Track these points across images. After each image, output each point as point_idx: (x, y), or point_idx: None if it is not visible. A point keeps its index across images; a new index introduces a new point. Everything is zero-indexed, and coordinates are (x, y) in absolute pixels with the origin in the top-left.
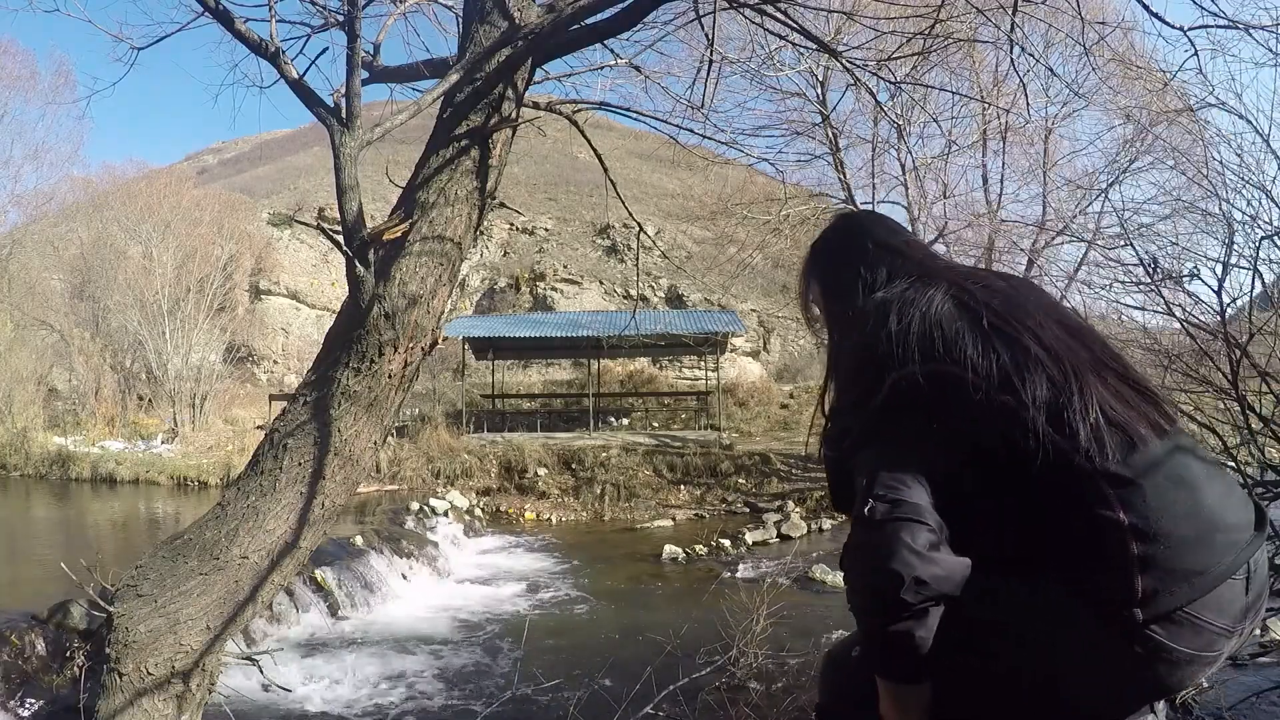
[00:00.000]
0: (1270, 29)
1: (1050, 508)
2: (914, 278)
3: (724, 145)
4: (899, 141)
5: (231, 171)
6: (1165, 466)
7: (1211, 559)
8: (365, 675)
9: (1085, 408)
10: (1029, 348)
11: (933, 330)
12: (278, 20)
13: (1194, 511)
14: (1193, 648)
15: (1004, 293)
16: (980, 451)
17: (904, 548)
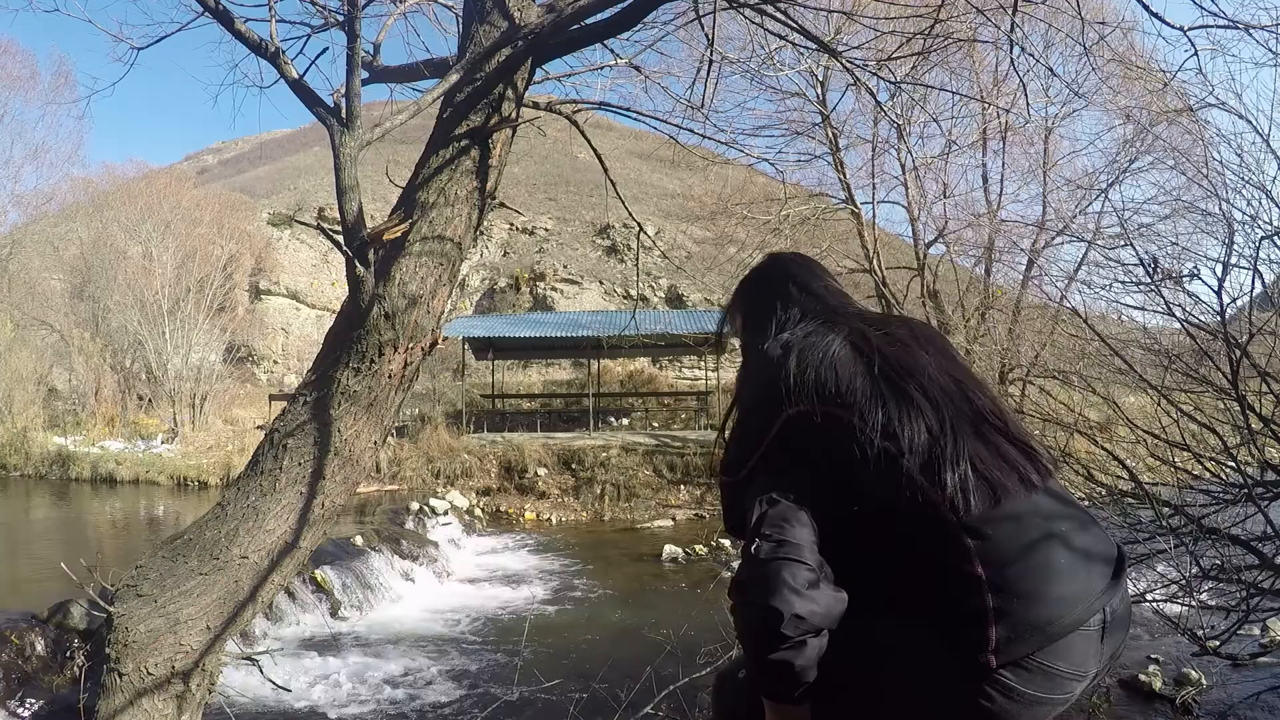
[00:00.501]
0: (1270, 29)
1: (916, 554)
2: (820, 321)
3: (724, 145)
4: (899, 141)
5: (231, 171)
6: (1025, 521)
7: (1062, 611)
8: (365, 675)
9: (956, 458)
10: (913, 397)
11: (828, 374)
12: (278, 20)
13: (1047, 566)
14: (1042, 691)
15: (901, 341)
16: (861, 493)
17: (784, 586)
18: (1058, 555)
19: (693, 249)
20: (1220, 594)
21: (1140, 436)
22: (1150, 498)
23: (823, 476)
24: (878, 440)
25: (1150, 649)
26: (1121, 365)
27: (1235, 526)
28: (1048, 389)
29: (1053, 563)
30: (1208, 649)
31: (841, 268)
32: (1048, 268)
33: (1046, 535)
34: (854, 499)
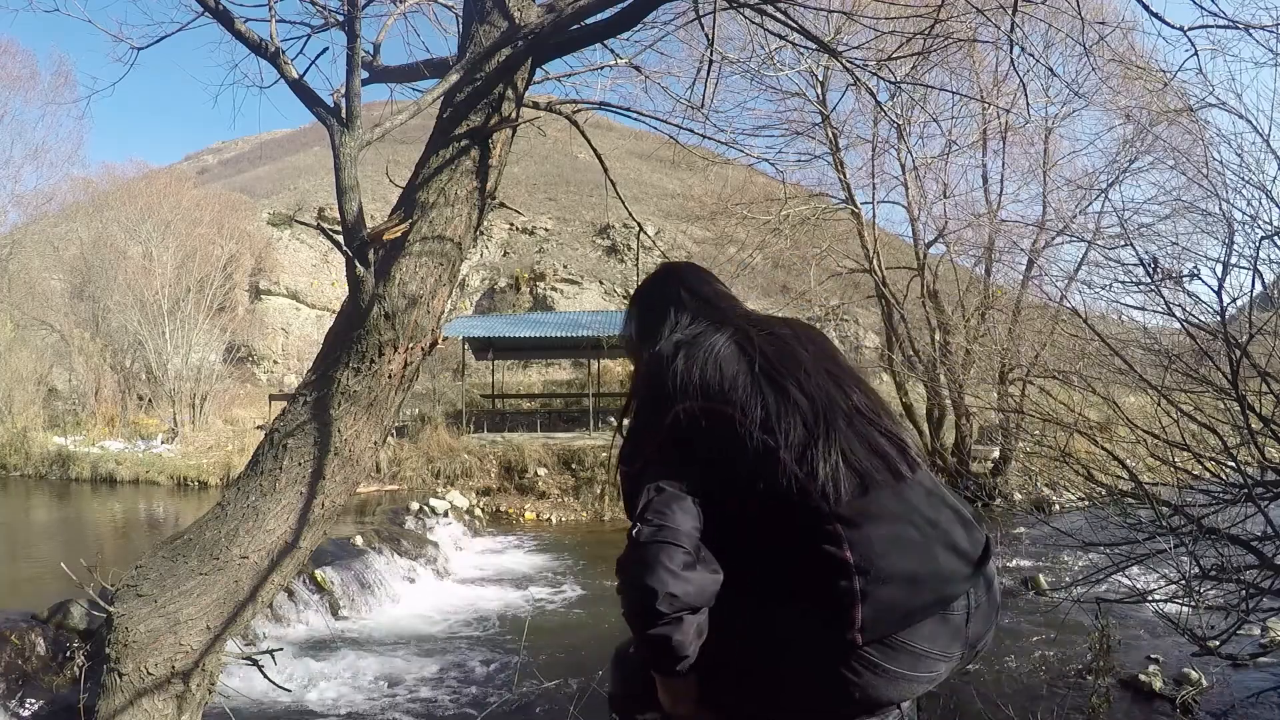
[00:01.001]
0: (1270, 29)
1: (792, 539)
2: (708, 323)
3: (724, 145)
4: (899, 141)
5: (231, 171)
6: (893, 510)
7: (926, 595)
8: (365, 675)
9: (828, 450)
10: (790, 392)
11: (713, 372)
12: (278, 20)
13: (913, 552)
14: (905, 668)
15: (782, 340)
16: (745, 485)
17: (661, 567)
18: (922, 542)
19: (693, 249)
20: (1220, 594)
21: (1140, 436)
22: (1150, 498)
23: (711, 468)
24: (757, 434)
25: (1150, 649)
26: (1121, 365)
27: (1235, 526)
28: (1048, 389)
29: (917, 550)
30: (1208, 649)
31: (841, 268)
32: (1048, 268)
33: (912, 524)
34: (739, 490)
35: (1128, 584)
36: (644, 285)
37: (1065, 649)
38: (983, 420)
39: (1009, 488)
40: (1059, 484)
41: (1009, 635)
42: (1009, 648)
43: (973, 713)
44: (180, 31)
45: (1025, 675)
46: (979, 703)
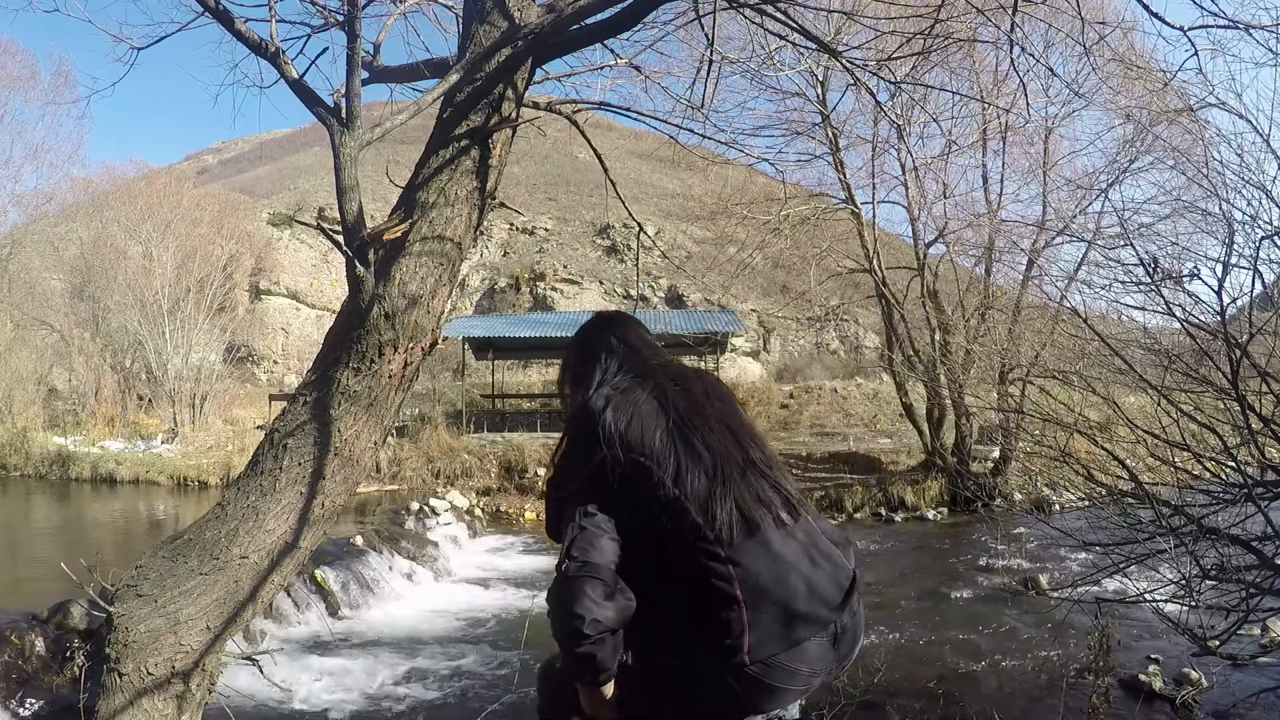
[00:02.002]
0: (1270, 29)
1: (694, 574)
2: (632, 375)
3: (724, 145)
4: (899, 141)
5: (231, 171)
6: (775, 553)
7: (801, 625)
8: (365, 675)
9: (724, 499)
10: (697, 448)
11: (635, 428)
12: (278, 20)
13: (789, 589)
14: (782, 683)
15: (694, 397)
16: (657, 525)
17: (586, 597)
18: (797, 581)
19: (693, 249)
20: (1220, 594)
21: (1140, 436)
22: (1150, 498)
23: (632, 510)
24: (669, 484)
25: (1150, 649)
26: (1121, 365)
27: (1235, 526)
28: (1048, 389)
29: (793, 586)
30: (1208, 649)
31: (841, 268)
32: (1048, 268)
33: (790, 565)
34: (655, 531)
35: (1128, 584)
36: (583, 329)
37: (1065, 649)
38: (983, 420)
39: (1009, 488)
40: (1059, 484)
41: (1009, 635)
42: (1009, 648)
43: (973, 713)
44: (180, 31)
45: (1025, 675)
46: (979, 703)
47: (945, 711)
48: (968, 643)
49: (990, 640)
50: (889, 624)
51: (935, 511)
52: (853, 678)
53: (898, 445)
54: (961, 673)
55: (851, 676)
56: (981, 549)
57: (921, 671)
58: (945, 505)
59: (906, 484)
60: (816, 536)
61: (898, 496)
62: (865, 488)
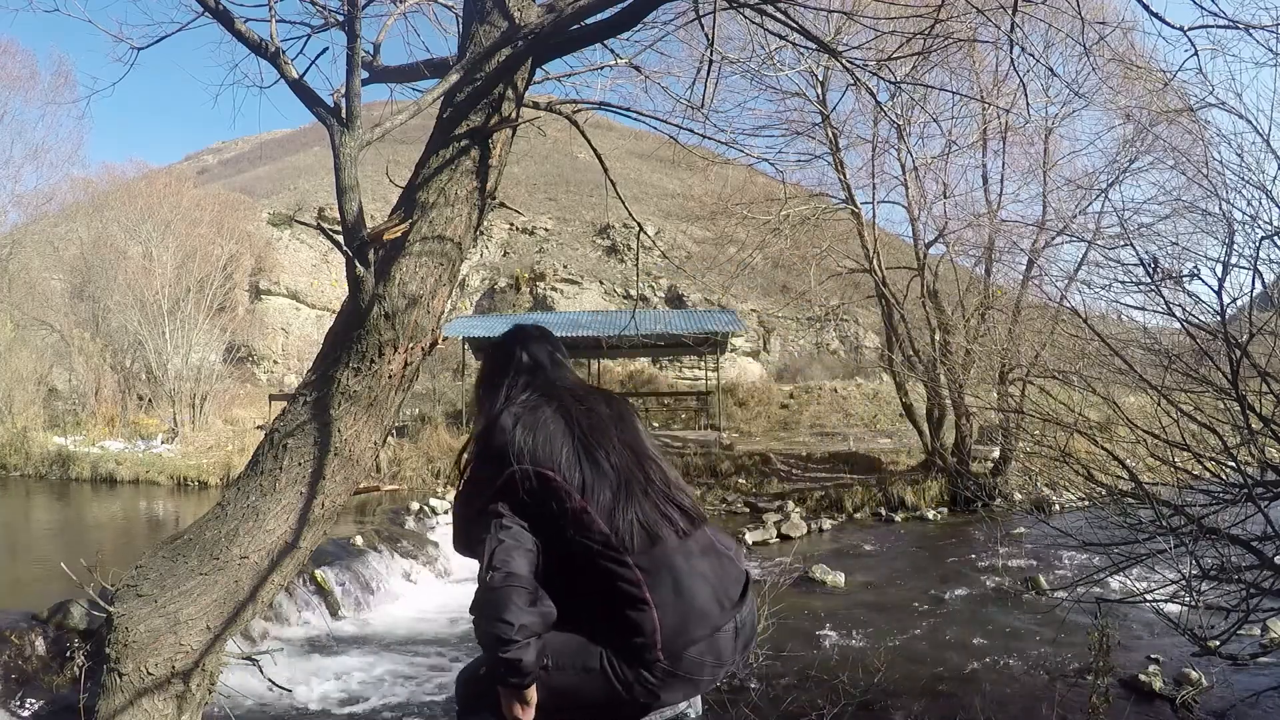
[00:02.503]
0: (1270, 29)
1: (600, 581)
2: (540, 394)
3: (724, 145)
4: (899, 141)
5: (231, 171)
6: (675, 559)
7: (702, 623)
8: (365, 675)
9: (626, 512)
10: (601, 464)
11: (543, 445)
12: (278, 20)
13: (692, 592)
14: (691, 673)
15: (598, 416)
16: (564, 536)
17: (512, 605)
18: (699, 584)
19: (693, 249)
20: (1220, 594)
21: (1140, 436)
22: (1150, 498)
23: (539, 520)
24: (576, 497)
25: (1150, 649)
26: (1121, 365)
27: (1235, 526)
28: (1048, 389)
29: (696, 589)
30: (1208, 649)
31: (841, 268)
32: (1048, 268)
33: (692, 568)
34: (561, 539)
35: (1128, 584)
36: (496, 342)
37: (1065, 649)
38: (983, 420)
39: (1009, 488)
40: (1059, 484)
41: (1009, 635)
42: (1009, 648)
43: (973, 713)
44: (180, 31)
45: (1025, 675)
46: (979, 702)
47: (945, 711)
48: (968, 643)
49: (990, 640)
50: (889, 624)
51: (935, 511)
52: (853, 678)
53: (898, 445)
54: (961, 673)
55: (851, 677)
56: (981, 549)
57: (921, 671)
58: (945, 505)
59: (906, 484)
60: (714, 543)
61: (898, 496)
62: (865, 488)
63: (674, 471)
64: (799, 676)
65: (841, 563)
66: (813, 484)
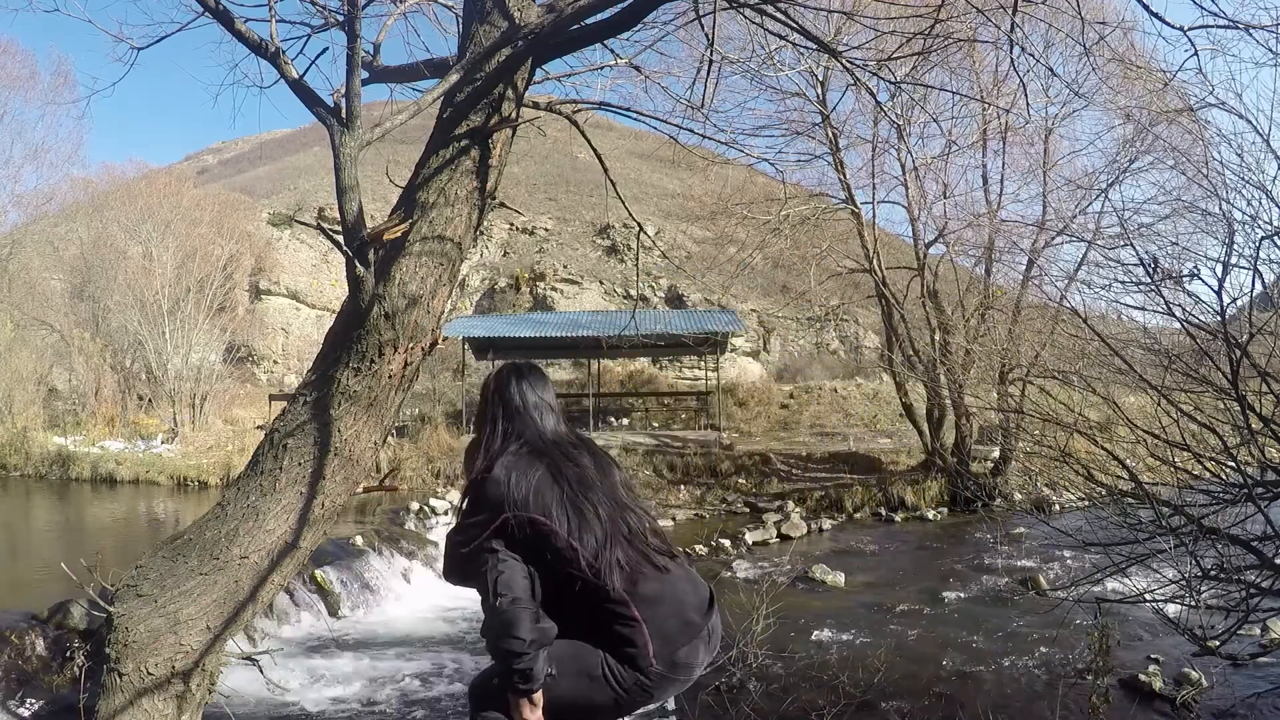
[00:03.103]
0: (1270, 29)
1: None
2: (529, 448)
3: (724, 145)
4: (899, 141)
5: (231, 171)
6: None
7: (689, 630)
8: (365, 675)
9: (612, 555)
10: (587, 515)
11: (535, 496)
12: (278, 20)
13: (678, 606)
14: (677, 675)
15: (584, 470)
16: (555, 572)
17: (520, 623)
18: (680, 602)
19: (693, 249)
20: (1220, 594)
21: (1140, 436)
22: (1150, 498)
23: (529, 554)
24: (564, 540)
25: (1150, 649)
26: (1121, 365)
27: (1235, 526)
28: (1048, 389)
29: (680, 605)
30: (1208, 649)
31: (841, 268)
32: (1048, 268)
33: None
34: (551, 571)
35: (1128, 584)
36: (490, 380)
37: (1065, 649)
38: (983, 420)
39: (1009, 488)
40: (1059, 484)
41: (1009, 635)
42: (1009, 648)
43: (973, 712)
44: (180, 31)
45: (1025, 675)
46: (979, 703)
47: (945, 711)
48: (967, 643)
49: (990, 640)
50: (889, 624)
51: (935, 511)
52: (853, 678)
53: (898, 445)
54: (961, 673)
55: (851, 677)
56: (981, 549)
57: (921, 671)
58: (945, 505)
59: (906, 484)
60: (686, 570)
61: (898, 496)
62: (865, 488)
63: (648, 517)
64: (799, 676)
65: (841, 563)
66: (813, 484)
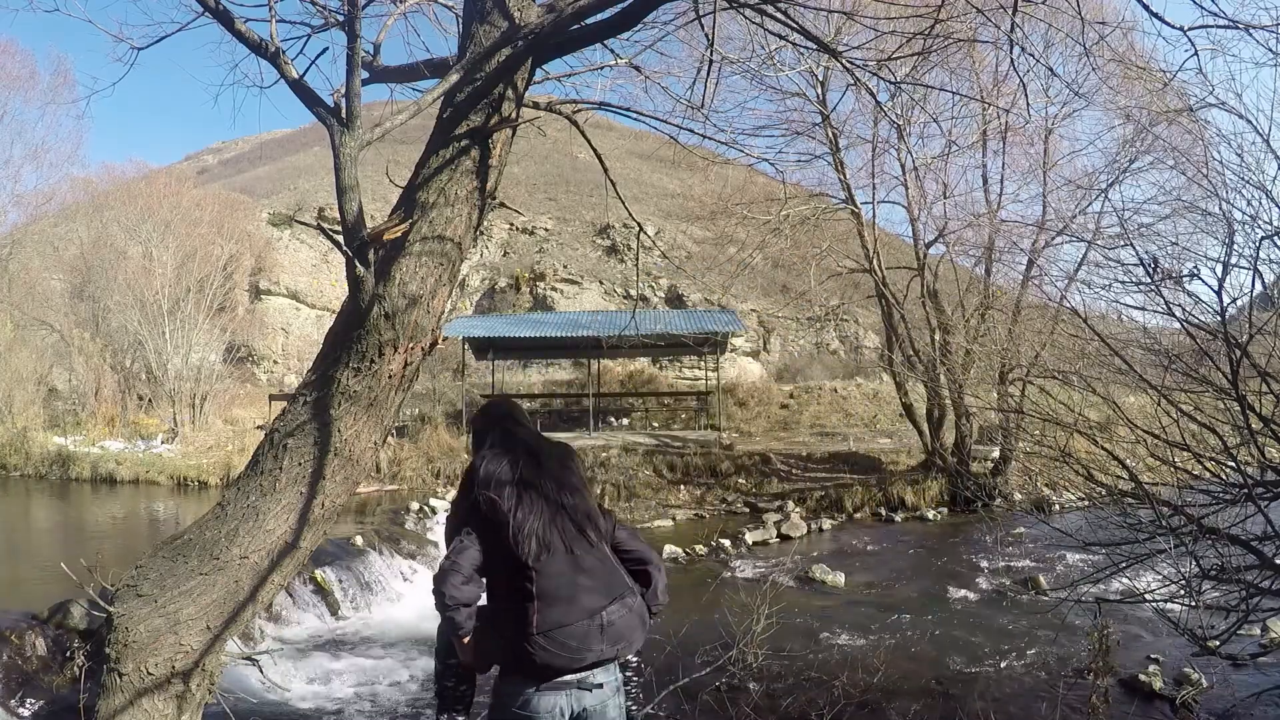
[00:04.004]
0: (1270, 29)
1: (516, 575)
2: (501, 448)
3: (724, 145)
4: (899, 141)
5: (231, 171)
6: (560, 567)
7: (569, 613)
8: (365, 675)
9: (532, 532)
10: (532, 496)
11: (495, 478)
12: (278, 20)
13: (565, 590)
14: (559, 650)
15: (539, 463)
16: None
17: (448, 582)
18: (572, 586)
19: (693, 249)
20: (1220, 594)
21: (1140, 436)
22: (1150, 498)
23: (491, 530)
24: (505, 515)
25: (1150, 649)
26: (1121, 365)
27: (1235, 526)
28: (1048, 389)
29: (569, 591)
30: (1208, 649)
31: (841, 268)
32: (1048, 268)
33: (572, 575)
34: (503, 544)
35: (1128, 584)
36: (482, 408)
37: (1065, 649)
38: (983, 420)
39: (1009, 488)
40: (1059, 484)
41: (1009, 635)
42: (1009, 648)
43: (973, 713)
44: (180, 31)
45: (1025, 675)
46: (979, 702)
47: (945, 711)
48: (968, 643)
49: (990, 640)
50: (889, 624)
51: (935, 511)
52: (852, 678)
53: (898, 445)
54: (961, 673)
55: (851, 677)
56: (981, 549)
57: (921, 671)
58: (945, 505)
59: (906, 484)
60: (604, 561)
61: (898, 496)
62: (865, 488)
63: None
64: (799, 676)
65: (841, 563)
66: (813, 484)
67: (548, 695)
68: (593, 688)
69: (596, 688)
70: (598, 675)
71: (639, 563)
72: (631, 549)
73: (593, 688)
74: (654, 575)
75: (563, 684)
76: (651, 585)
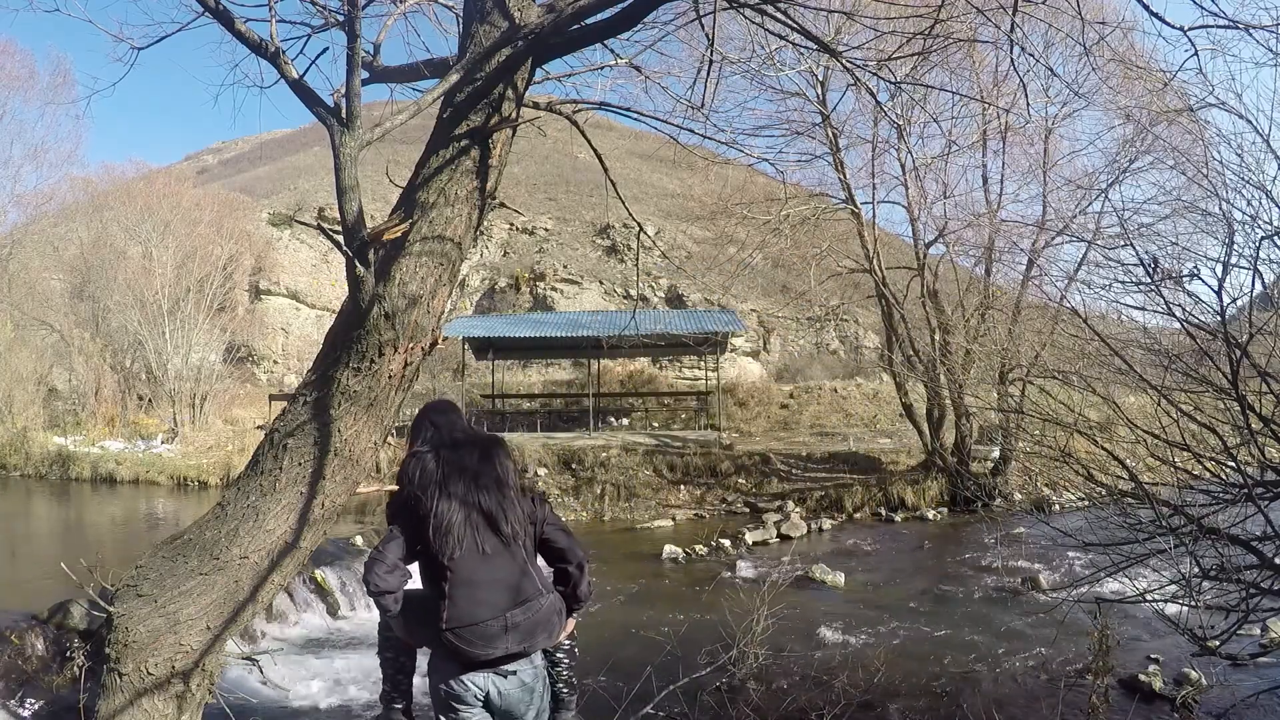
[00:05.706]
0: (1270, 29)
1: (436, 571)
2: (429, 446)
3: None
4: (899, 141)
5: (231, 171)
6: (471, 567)
7: (472, 611)
8: (365, 675)
9: (451, 528)
10: (449, 493)
11: (421, 475)
12: (278, 20)
13: (470, 589)
14: (465, 644)
15: (461, 461)
16: (425, 540)
17: (372, 570)
18: (476, 587)
19: (693, 249)
20: (1220, 594)
21: (1140, 436)
22: (1150, 498)
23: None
24: (431, 512)
25: (1150, 649)
26: (1121, 365)
27: (1235, 526)
28: (1048, 389)
29: (473, 589)
30: (1208, 649)
31: (841, 268)
32: (1048, 268)
33: (482, 576)
34: (424, 540)
35: (1128, 584)
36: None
37: (1065, 649)
38: (983, 420)
39: (1009, 488)
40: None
41: (1009, 635)
42: (1009, 648)
43: (973, 712)
44: (180, 31)
45: (1025, 675)
46: (979, 703)
47: (945, 711)
48: (968, 643)
49: (990, 640)
50: (889, 624)
51: (935, 511)
52: (852, 678)
53: (898, 445)
54: (961, 673)
55: (851, 677)
56: (981, 549)
57: (921, 671)
58: (945, 505)
59: (906, 484)
60: (514, 560)
61: (898, 496)
62: (865, 488)
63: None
64: (799, 676)
65: (841, 563)
66: (813, 484)
67: (468, 676)
68: (508, 674)
69: (511, 674)
70: (512, 665)
71: (561, 560)
72: (557, 545)
73: (508, 674)
74: (573, 575)
75: (479, 669)
76: (570, 584)
